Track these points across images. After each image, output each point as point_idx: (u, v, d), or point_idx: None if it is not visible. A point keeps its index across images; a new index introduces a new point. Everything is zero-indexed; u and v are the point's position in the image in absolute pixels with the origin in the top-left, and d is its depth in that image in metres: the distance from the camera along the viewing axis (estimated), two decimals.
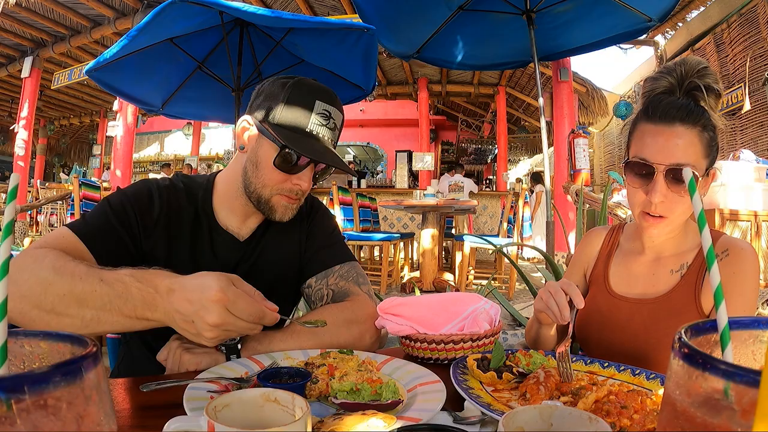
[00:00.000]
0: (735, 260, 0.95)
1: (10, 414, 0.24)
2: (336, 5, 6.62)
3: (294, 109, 0.98)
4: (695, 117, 0.93)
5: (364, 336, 0.98)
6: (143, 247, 0.98)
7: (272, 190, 1.00)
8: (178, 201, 1.03)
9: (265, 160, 0.99)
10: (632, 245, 1.11)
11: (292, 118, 0.98)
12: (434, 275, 4.77)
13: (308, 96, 0.99)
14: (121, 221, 0.95)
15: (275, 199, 1.01)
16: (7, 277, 0.32)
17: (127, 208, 0.97)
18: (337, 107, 1.03)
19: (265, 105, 1.00)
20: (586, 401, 0.62)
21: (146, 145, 15.50)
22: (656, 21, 3.62)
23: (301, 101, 0.98)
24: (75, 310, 0.76)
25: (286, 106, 0.98)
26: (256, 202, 1.03)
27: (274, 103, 0.99)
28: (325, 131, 1.00)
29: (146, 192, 1.01)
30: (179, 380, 0.69)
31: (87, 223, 0.94)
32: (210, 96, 4.02)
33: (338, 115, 1.04)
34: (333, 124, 1.02)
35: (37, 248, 0.84)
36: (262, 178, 1.00)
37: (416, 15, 3.72)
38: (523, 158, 14.36)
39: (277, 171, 0.99)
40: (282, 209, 1.03)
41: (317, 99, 0.99)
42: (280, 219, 1.04)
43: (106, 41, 7.86)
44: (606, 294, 1.08)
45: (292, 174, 1.00)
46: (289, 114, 0.98)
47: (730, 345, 0.32)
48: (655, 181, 0.93)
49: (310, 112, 0.98)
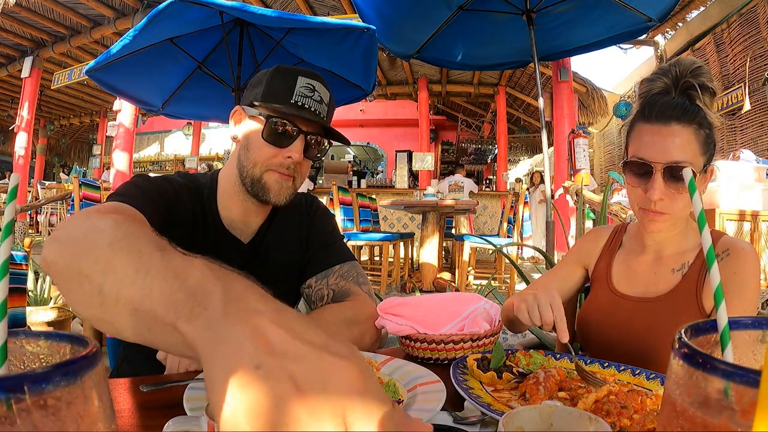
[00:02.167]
0: (735, 260, 0.96)
1: (10, 414, 0.24)
2: (336, 5, 6.62)
3: (278, 85, 0.99)
4: (691, 115, 0.94)
5: (365, 336, 0.98)
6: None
7: (263, 166, 0.99)
8: (188, 199, 1.02)
9: (254, 136, 1.00)
10: (634, 244, 1.12)
11: (276, 93, 0.98)
12: (434, 275, 4.77)
13: (290, 74, 1.01)
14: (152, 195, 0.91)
15: (267, 175, 1.00)
16: (7, 279, 0.32)
17: (151, 189, 0.92)
18: (322, 84, 1.03)
19: (252, 93, 1.02)
20: (586, 401, 0.62)
21: (146, 145, 15.50)
22: (656, 21, 3.62)
23: (284, 78, 1.00)
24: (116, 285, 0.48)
25: (269, 85, 0.99)
26: (250, 185, 1.01)
27: (258, 86, 1.01)
28: (311, 102, 1.00)
29: (168, 184, 0.98)
30: (179, 380, 0.69)
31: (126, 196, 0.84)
32: (210, 96, 4.02)
33: (324, 90, 1.03)
34: (319, 96, 1.01)
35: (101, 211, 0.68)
36: (253, 156, 1.00)
37: (416, 15, 3.72)
38: (523, 158, 14.36)
39: (266, 145, 0.98)
40: (276, 187, 1.00)
41: (299, 75, 1.01)
42: (276, 199, 1.02)
43: (106, 41, 7.86)
44: (608, 291, 1.09)
45: (282, 147, 0.99)
46: (272, 91, 0.99)
47: (730, 345, 0.32)
48: (654, 180, 0.94)
49: (293, 87, 0.99)
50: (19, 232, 7.98)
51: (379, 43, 3.49)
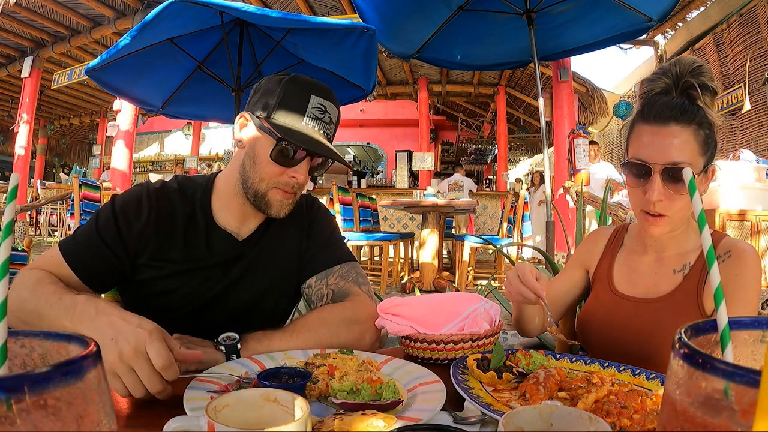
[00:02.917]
0: (737, 262, 0.95)
1: (10, 414, 0.24)
2: (336, 5, 6.62)
3: (290, 103, 1.00)
4: (690, 116, 0.94)
5: (364, 336, 0.98)
6: (129, 254, 1.00)
7: (269, 183, 1.01)
8: (170, 201, 1.04)
9: (262, 153, 1.00)
10: (635, 244, 1.12)
11: (288, 113, 1.00)
12: (434, 275, 4.77)
13: (304, 91, 1.01)
14: (104, 238, 0.97)
15: (271, 193, 1.02)
16: (6, 279, 0.32)
17: (111, 223, 0.99)
18: (333, 102, 1.05)
19: (262, 101, 1.02)
20: (586, 401, 0.62)
21: (146, 145, 15.49)
22: (656, 21, 3.62)
23: (297, 96, 1.01)
24: (37, 322, 0.84)
25: (282, 101, 1.00)
26: (252, 197, 1.03)
27: (271, 98, 1.01)
28: (321, 125, 1.02)
29: (135, 198, 1.03)
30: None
31: (75, 242, 0.98)
32: (210, 96, 4.02)
33: (333, 110, 1.05)
34: (329, 118, 1.04)
35: (32, 269, 0.94)
36: (260, 172, 1.01)
37: (416, 15, 3.72)
38: (523, 158, 14.35)
39: (273, 164, 1.00)
40: (278, 204, 1.03)
41: (312, 94, 1.01)
42: (276, 215, 1.05)
43: (106, 41, 7.86)
44: (609, 292, 1.09)
45: (289, 167, 1.01)
46: (285, 108, 1.00)
47: (730, 345, 0.32)
48: (653, 181, 0.94)
49: (305, 106, 1.00)
50: (19, 232, 7.97)
51: (379, 43, 3.49)
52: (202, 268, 1.04)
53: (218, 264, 1.06)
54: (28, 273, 0.92)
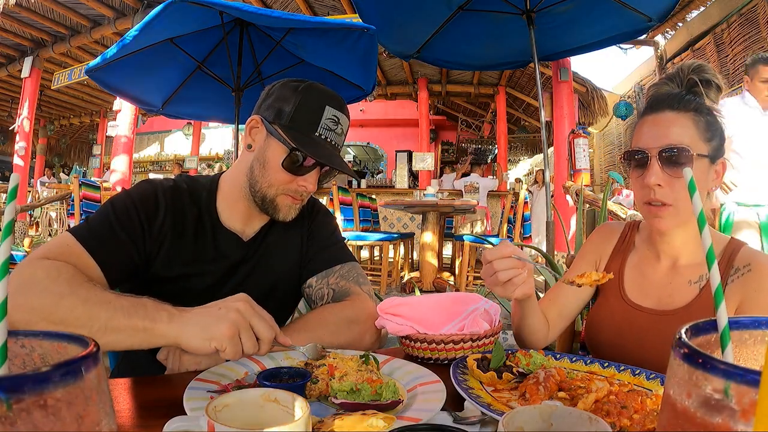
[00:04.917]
0: (758, 276, 0.89)
1: (10, 414, 0.24)
2: (336, 5, 6.62)
3: (304, 112, 1.00)
4: (686, 103, 0.94)
5: (364, 336, 0.98)
6: (146, 249, 0.98)
7: (278, 190, 1.02)
8: (182, 202, 1.04)
9: (273, 160, 1.01)
10: (648, 250, 1.06)
11: (302, 122, 1.00)
12: (434, 275, 4.77)
13: (319, 101, 1.01)
14: (125, 228, 0.95)
15: (280, 198, 1.03)
16: (8, 280, 0.32)
17: (132, 214, 0.97)
18: (345, 113, 1.06)
19: (275, 106, 1.02)
20: (586, 401, 0.62)
21: (146, 145, 15.49)
22: (656, 21, 3.62)
23: (312, 106, 1.00)
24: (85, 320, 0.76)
25: (296, 110, 1.00)
26: (260, 201, 1.04)
27: (285, 105, 1.00)
28: (333, 136, 1.03)
29: (152, 194, 1.01)
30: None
31: (91, 231, 0.93)
32: (210, 96, 4.02)
33: (345, 121, 1.06)
34: (341, 129, 1.05)
35: (42, 259, 0.83)
36: (269, 178, 1.02)
37: (416, 15, 3.71)
38: (523, 158, 14.35)
39: (284, 172, 1.00)
40: (285, 209, 1.04)
41: (327, 105, 1.02)
42: (283, 218, 1.05)
43: (106, 41, 7.86)
44: (620, 300, 1.04)
45: (299, 175, 1.02)
46: (299, 117, 1.00)
47: (730, 345, 0.32)
48: (650, 165, 0.93)
49: (320, 117, 1.00)
50: (19, 232, 7.98)
51: (379, 43, 3.49)
52: (210, 270, 1.04)
53: (225, 265, 1.06)
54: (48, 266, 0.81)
